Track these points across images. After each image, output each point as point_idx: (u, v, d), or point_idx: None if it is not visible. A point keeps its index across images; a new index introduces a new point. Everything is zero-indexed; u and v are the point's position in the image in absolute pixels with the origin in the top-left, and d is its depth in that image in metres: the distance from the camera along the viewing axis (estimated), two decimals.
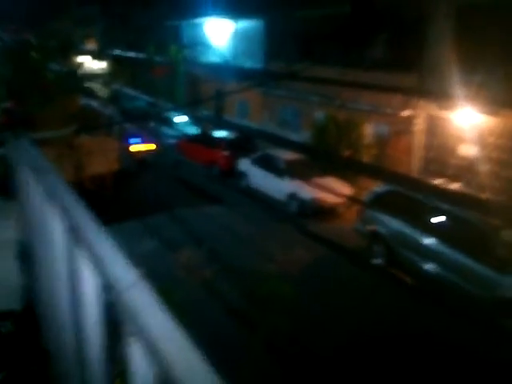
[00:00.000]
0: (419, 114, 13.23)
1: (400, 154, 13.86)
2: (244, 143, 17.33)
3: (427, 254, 9.44)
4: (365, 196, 11.62)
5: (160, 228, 12.31)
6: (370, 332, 8.04)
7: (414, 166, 13.67)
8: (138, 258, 1.12)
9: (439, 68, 12.24)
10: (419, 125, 13.32)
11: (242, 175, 15.90)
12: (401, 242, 10.07)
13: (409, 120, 13.47)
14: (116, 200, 12.52)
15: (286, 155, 14.27)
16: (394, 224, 10.25)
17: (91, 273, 1.19)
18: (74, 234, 1.28)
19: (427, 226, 9.52)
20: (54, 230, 1.54)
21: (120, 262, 1.04)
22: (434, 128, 13.10)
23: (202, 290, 9.17)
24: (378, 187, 11.03)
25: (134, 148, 16.72)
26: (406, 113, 13.43)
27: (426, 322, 8.24)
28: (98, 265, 1.11)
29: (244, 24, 21.73)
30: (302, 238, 12.13)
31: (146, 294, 0.91)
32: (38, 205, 1.80)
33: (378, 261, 10.70)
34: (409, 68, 13.10)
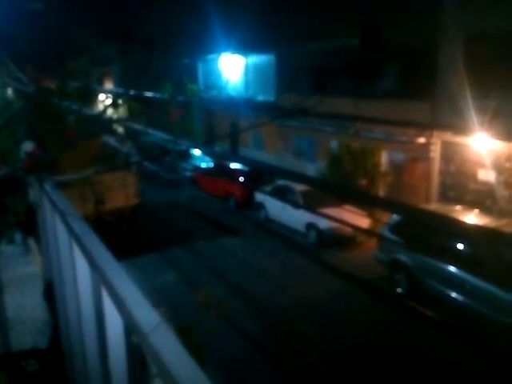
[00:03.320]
0: (435, 141, 13.22)
1: (417, 180, 13.80)
2: (260, 174, 17.49)
3: (452, 282, 9.24)
4: (383, 224, 11.53)
5: (178, 261, 12.37)
6: (388, 370, 7.85)
7: (431, 192, 13.57)
8: (157, 292, 1.16)
9: (452, 95, 12.29)
10: (435, 151, 13.29)
11: (260, 206, 15.97)
12: (423, 271, 9.89)
13: (424, 147, 13.45)
14: (135, 233, 12.67)
15: (301, 186, 14.32)
16: (415, 252, 10.10)
17: (115, 313, 1.24)
18: (98, 275, 1.33)
19: (451, 253, 9.36)
20: (79, 270, 1.60)
21: (143, 303, 1.09)
22: (451, 154, 13.05)
23: (221, 325, 9.11)
24: (396, 215, 10.95)
25: None
26: (421, 140, 13.44)
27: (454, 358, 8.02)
28: (122, 305, 1.15)
29: (256, 59, 22.28)
30: (320, 269, 12.03)
31: (168, 336, 0.95)
32: (62, 245, 1.87)
33: (399, 290, 10.52)
34: (421, 96, 13.18)
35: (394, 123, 12.56)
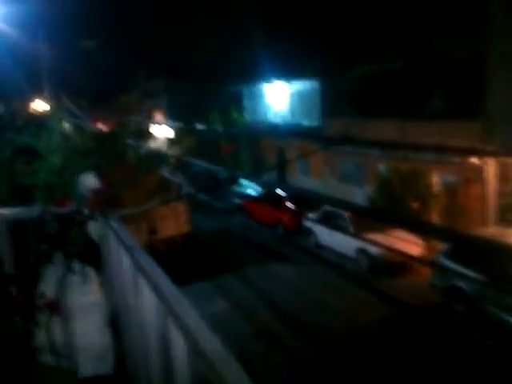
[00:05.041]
0: (489, 161, 12.77)
1: (472, 202, 13.30)
2: (309, 199, 17.43)
3: None
4: (437, 250, 11.15)
5: (229, 288, 12.45)
6: None
7: (488, 214, 13.04)
8: (209, 319, 1.23)
9: (505, 112, 11.91)
10: (489, 172, 12.82)
11: (309, 232, 15.89)
12: (483, 297, 9.42)
13: (478, 167, 13.02)
14: (186, 261, 12.91)
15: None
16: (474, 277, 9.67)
17: (181, 341, 1.32)
18: (164, 305, 1.42)
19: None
20: (145, 299, 1.70)
21: (207, 332, 1.16)
22: (506, 174, 12.55)
23: (274, 353, 9.04)
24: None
25: None
26: (474, 160, 13.02)
27: None
28: (188, 334, 1.23)
29: (300, 85, 22.55)
30: (371, 296, 11.75)
31: (233, 364, 1.01)
32: (127, 276, 1.99)
33: (457, 317, 10.07)
34: (472, 115, 12.83)
35: (444, 150, 12.18)
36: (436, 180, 14.55)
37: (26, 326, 1.87)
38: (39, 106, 16.62)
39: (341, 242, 14.05)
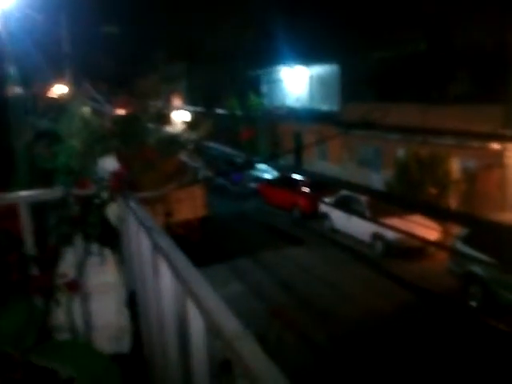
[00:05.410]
0: (510, 147, 12.52)
1: (492, 189, 13.09)
2: (325, 184, 17.37)
3: None
4: (454, 235, 11.05)
5: (245, 270, 12.58)
6: None
7: (508, 201, 12.83)
8: (227, 301, 1.25)
9: None
10: (510, 157, 12.57)
11: (325, 216, 15.87)
12: (500, 283, 9.36)
13: (499, 153, 12.77)
14: (203, 244, 13.04)
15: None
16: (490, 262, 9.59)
17: (200, 321, 1.35)
18: (183, 286, 1.45)
19: None
20: (163, 280, 1.74)
21: (226, 312, 1.19)
22: None
23: (289, 335, 9.13)
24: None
25: None
26: (495, 146, 12.78)
27: None
28: (206, 314, 1.26)
29: (319, 69, 22.29)
30: (386, 280, 11.74)
31: (251, 342, 1.04)
32: (146, 257, 2.04)
33: (473, 303, 10.02)
34: (495, 99, 12.55)
35: (465, 135, 11.93)
36: (455, 165, 14.34)
37: (47, 304, 1.93)
38: (60, 90, 16.80)
39: (356, 227, 14.02)
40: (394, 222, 8.05)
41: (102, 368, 0.89)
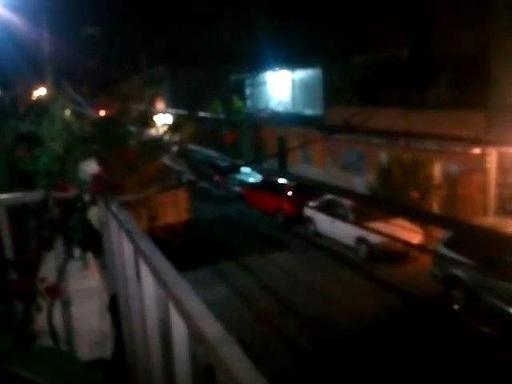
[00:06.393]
0: (491, 152, 12.74)
1: (473, 193, 13.30)
2: (309, 188, 17.44)
3: None
4: (437, 239, 11.18)
5: (229, 275, 12.53)
6: None
7: (488, 205, 13.04)
8: (209, 306, 1.23)
9: (508, 103, 11.85)
10: (491, 162, 12.79)
11: (309, 220, 15.92)
12: (481, 286, 9.49)
13: (480, 158, 12.99)
14: (186, 248, 12.96)
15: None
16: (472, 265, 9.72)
17: (182, 325, 1.33)
18: (165, 290, 1.43)
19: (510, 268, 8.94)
20: (145, 284, 1.71)
21: (208, 316, 1.17)
22: (508, 165, 12.52)
23: (273, 339, 9.12)
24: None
25: None
26: (476, 150, 12.99)
27: None
28: (188, 318, 1.24)
29: (302, 73, 22.43)
30: (370, 283, 11.82)
31: (234, 347, 1.02)
32: (128, 261, 2.00)
33: (456, 307, 10.14)
34: (474, 106, 12.77)
35: (447, 139, 12.10)
36: (437, 170, 14.54)
37: (27, 309, 1.88)
38: (41, 93, 16.58)
39: (340, 231, 14.09)
40: (378, 225, 8.11)
41: (81, 375, 0.86)
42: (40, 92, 17.32)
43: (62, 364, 0.89)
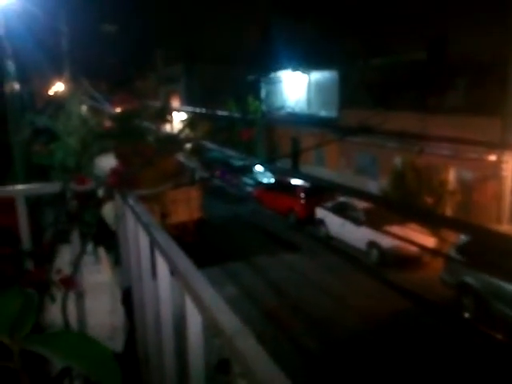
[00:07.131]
0: (506, 159, 12.57)
1: (487, 200, 13.14)
2: (321, 190, 17.38)
3: None
4: (450, 244, 11.06)
5: (239, 275, 12.53)
6: None
7: (503, 212, 12.87)
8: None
9: None
10: (507, 170, 12.62)
11: (320, 223, 15.85)
12: (494, 294, 9.36)
13: (495, 165, 12.83)
14: (197, 246, 12.99)
15: (363, 203, 14.07)
16: (485, 274, 9.59)
17: (198, 317, 1.33)
18: (181, 282, 1.43)
19: None
20: (161, 277, 1.72)
21: (225, 308, 1.17)
22: None
23: (282, 339, 9.11)
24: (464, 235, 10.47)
25: None
26: (491, 157, 12.83)
27: None
28: (205, 310, 1.24)
29: (318, 75, 22.37)
30: (383, 287, 11.73)
31: (250, 339, 1.01)
32: (144, 254, 2.01)
33: (466, 315, 10.02)
34: (491, 111, 12.62)
35: (464, 142, 11.99)
36: (452, 176, 14.39)
37: (41, 299, 1.90)
38: (59, 88, 16.75)
39: (352, 234, 14.01)
40: (392, 230, 8.05)
41: (98, 356, 0.87)
42: (57, 87, 17.51)
43: (79, 345, 0.89)
